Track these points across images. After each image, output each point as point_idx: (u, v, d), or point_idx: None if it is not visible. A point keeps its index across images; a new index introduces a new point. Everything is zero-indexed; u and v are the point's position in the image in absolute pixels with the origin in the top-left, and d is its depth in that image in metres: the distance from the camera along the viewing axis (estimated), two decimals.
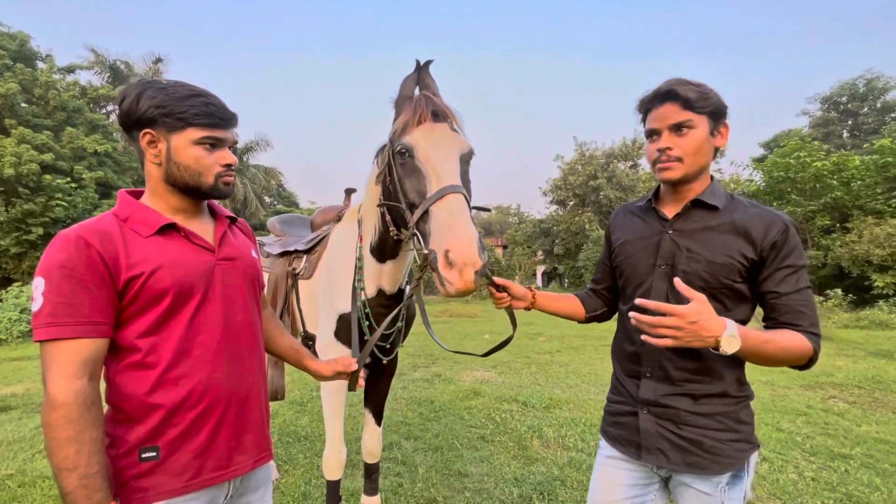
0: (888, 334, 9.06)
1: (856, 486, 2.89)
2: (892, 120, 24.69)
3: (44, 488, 2.89)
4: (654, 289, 1.25)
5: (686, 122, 1.16)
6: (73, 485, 0.86)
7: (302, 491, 2.84)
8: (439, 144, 1.36)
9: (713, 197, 1.23)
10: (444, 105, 1.45)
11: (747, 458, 1.20)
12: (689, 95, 1.15)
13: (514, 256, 26.35)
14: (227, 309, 1.08)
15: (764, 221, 1.16)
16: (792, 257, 1.15)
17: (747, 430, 1.21)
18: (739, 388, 1.22)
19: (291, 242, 2.42)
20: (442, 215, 1.23)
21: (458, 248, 1.15)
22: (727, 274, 1.16)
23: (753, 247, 1.15)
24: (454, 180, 1.30)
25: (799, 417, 4.24)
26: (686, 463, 1.19)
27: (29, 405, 4.70)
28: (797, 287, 1.14)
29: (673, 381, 1.21)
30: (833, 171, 15.40)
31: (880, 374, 5.76)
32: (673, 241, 1.24)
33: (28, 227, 13.52)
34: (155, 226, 1.03)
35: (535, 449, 3.49)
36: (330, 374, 1.36)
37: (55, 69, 17.26)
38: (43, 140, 14.01)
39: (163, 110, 1.01)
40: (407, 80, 1.54)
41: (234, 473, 1.08)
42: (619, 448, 1.32)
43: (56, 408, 0.87)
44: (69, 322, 0.90)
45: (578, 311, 1.54)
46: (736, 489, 1.18)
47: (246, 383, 1.11)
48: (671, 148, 1.18)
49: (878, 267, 13.60)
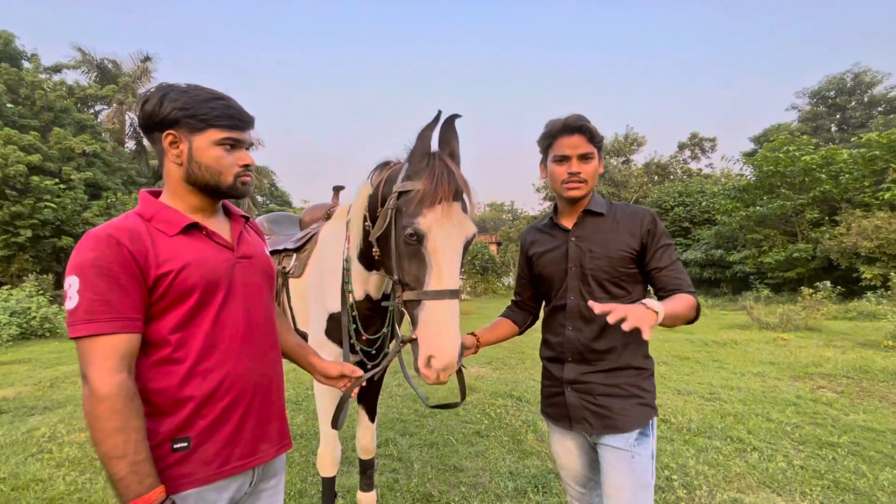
0: (875, 325, 9.20)
1: (843, 473, 2.95)
2: (880, 114, 25.05)
3: (37, 491, 2.88)
4: (569, 287, 1.52)
5: (590, 153, 1.47)
6: (125, 471, 0.90)
7: (298, 488, 2.85)
8: (450, 235, 1.30)
9: (598, 205, 1.54)
10: (462, 179, 1.36)
11: (650, 419, 1.47)
12: (593, 131, 1.46)
13: (507, 253, 26.45)
14: (248, 305, 1.13)
15: (637, 216, 1.49)
16: (663, 238, 1.47)
17: (649, 397, 1.49)
18: (643, 362, 1.50)
19: (280, 241, 2.42)
20: (433, 317, 1.25)
21: (441, 358, 1.22)
22: (622, 264, 1.46)
23: (636, 237, 1.47)
24: (454, 282, 1.29)
25: (788, 407, 4.31)
26: (605, 426, 1.45)
27: (21, 409, 4.65)
28: (672, 259, 1.46)
29: (589, 361, 1.49)
30: (822, 164, 15.59)
31: (868, 365, 5.86)
32: (577, 246, 1.52)
33: (16, 229, 13.34)
34: (179, 225, 1.06)
35: (529, 443, 3.53)
36: (335, 375, 1.39)
37: (41, 69, 17.03)
38: (30, 141, 13.82)
39: (186, 112, 1.05)
40: (425, 132, 1.40)
41: (259, 461, 1.13)
42: (557, 423, 1.58)
43: (102, 400, 0.90)
44: (107, 318, 0.93)
45: (513, 329, 1.79)
46: (643, 445, 1.44)
47: (268, 374, 1.17)
48: (580, 172, 1.47)
49: (866, 259, 13.81)
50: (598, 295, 1.46)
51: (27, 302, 10.09)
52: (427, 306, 1.27)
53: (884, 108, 25.41)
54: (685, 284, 1.43)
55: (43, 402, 4.87)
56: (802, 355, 6.63)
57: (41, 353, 7.79)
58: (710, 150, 26.81)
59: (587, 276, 1.48)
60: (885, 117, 23.67)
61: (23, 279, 12.65)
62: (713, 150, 26.86)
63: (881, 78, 25.56)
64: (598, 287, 1.47)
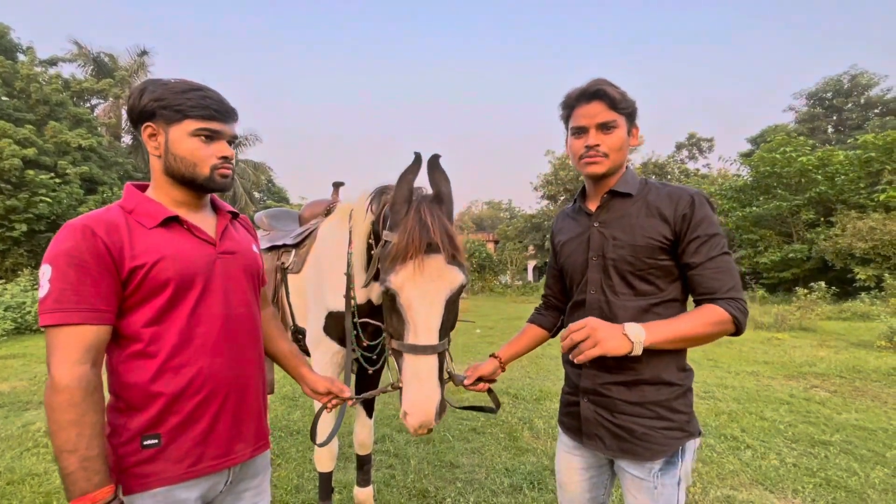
0: (869, 325, 9.28)
1: (835, 471, 2.99)
2: (876, 115, 25.15)
3: (33, 485, 2.87)
4: (590, 280, 1.31)
5: (612, 121, 1.24)
6: (74, 466, 0.88)
7: (295, 484, 2.86)
8: (426, 292, 1.26)
9: (626, 185, 1.29)
10: (441, 230, 1.28)
11: (680, 445, 1.22)
12: (615, 96, 1.22)
13: (505, 251, 26.44)
14: (227, 301, 1.10)
15: (673, 198, 1.23)
16: (702, 227, 1.19)
17: (681, 419, 1.23)
18: (678, 376, 1.24)
19: (279, 237, 2.42)
20: (410, 371, 1.26)
21: (415, 415, 1.22)
22: (650, 254, 1.22)
23: (668, 224, 1.22)
24: (431, 338, 1.26)
25: (782, 406, 4.35)
26: (620, 449, 1.24)
27: (16, 403, 4.63)
28: (710, 255, 1.18)
29: (609, 369, 1.25)
30: (818, 165, 15.66)
31: (861, 364, 5.92)
32: (600, 232, 1.30)
33: (11, 223, 13.21)
34: (158, 218, 1.05)
35: (525, 440, 3.54)
36: (322, 390, 1.39)
37: (37, 62, 16.84)
38: (25, 134, 13.69)
39: (161, 103, 1.04)
40: (405, 177, 1.35)
41: (233, 461, 1.11)
42: (570, 435, 1.39)
43: (59, 391, 0.89)
44: (74, 308, 0.92)
45: (540, 335, 1.60)
46: (669, 475, 1.21)
47: (245, 373, 1.14)
48: (599, 144, 1.25)
49: (861, 260, 13.90)
50: (621, 290, 1.25)
51: (22, 297, 10.03)
52: (406, 360, 1.28)
53: (880, 109, 25.51)
54: (722, 289, 1.16)
55: (38, 397, 4.84)
56: (796, 355, 6.68)
57: (36, 347, 7.75)
58: (708, 150, 26.85)
59: (608, 267, 1.26)
60: (881, 119, 23.78)
61: (18, 274, 12.56)
62: (710, 150, 26.87)
63: (878, 80, 25.64)
64: (621, 281, 1.25)
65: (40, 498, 2.73)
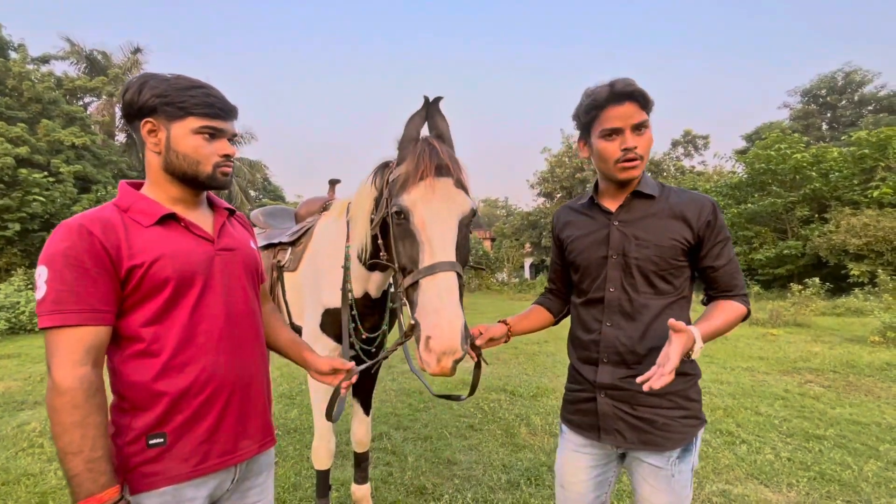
0: (863, 321, 9.35)
1: (829, 465, 3.02)
2: (870, 112, 25.32)
3: (28, 485, 2.86)
4: (609, 278, 1.32)
5: (644, 122, 1.24)
6: (79, 468, 0.88)
7: (292, 482, 2.86)
8: (438, 209, 1.25)
9: (648, 187, 1.33)
10: (448, 156, 1.31)
11: (696, 433, 1.29)
12: (646, 96, 1.23)
13: (501, 249, 26.47)
14: (227, 298, 1.10)
15: (696, 205, 1.29)
16: (723, 232, 1.29)
17: (696, 406, 1.31)
18: (690, 366, 1.30)
19: (276, 235, 2.41)
20: (430, 294, 1.18)
21: (439, 338, 1.11)
22: (673, 255, 1.27)
23: (691, 229, 1.27)
24: (448, 255, 1.22)
25: (777, 401, 4.38)
26: (641, 441, 1.28)
27: (10, 404, 4.61)
28: (729, 258, 1.29)
29: (628, 364, 1.29)
30: (812, 162, 15.76)
31: (854, 359, 5.97)
32: (621, 231, 1.31)
33: (4, 223, 13.12)
34: (155, 216, 1.04)
35: (522, 436, 3.56)
36: (327, 370, 1.36)
37: (29, 59, 16.68)
38: (17, 133, 13.57)
39: (164, 99, 1.02)
40: (413, 119, 1.39)
41: (240, 458, 1.11)
42: (580, 433, 1.39)
43: (61, 393, 0.88)
44: (73, 310, 0.91)
45: (547, 318, 1.60)
46: (685, 462, 1.28)
47: (249, 370, 1.13)
48: (635, 147, 1.23)
49: (855, 256, 14.01)
50: (643, 289, 1.28)
51: (16, 296, 9.95)
52: (423, 285, 1.20)
53: (874, 106, 25.66)
54: (738, 286, 1.29)
55: (33, 397, 4.82)
56: (791, 350, 6.73)
57: (30, 347, 7.70)
58: (703, 147, 26.93)
59: (631, 265, 1.28)
60: (874, 116, 23.94)
61: (11, 273, 12.45)
62: (706, 147, 26.96)
63: (871, 77, 25.80)
64: (643, 280, 1.28)
65: (36, 498, 2.72)
